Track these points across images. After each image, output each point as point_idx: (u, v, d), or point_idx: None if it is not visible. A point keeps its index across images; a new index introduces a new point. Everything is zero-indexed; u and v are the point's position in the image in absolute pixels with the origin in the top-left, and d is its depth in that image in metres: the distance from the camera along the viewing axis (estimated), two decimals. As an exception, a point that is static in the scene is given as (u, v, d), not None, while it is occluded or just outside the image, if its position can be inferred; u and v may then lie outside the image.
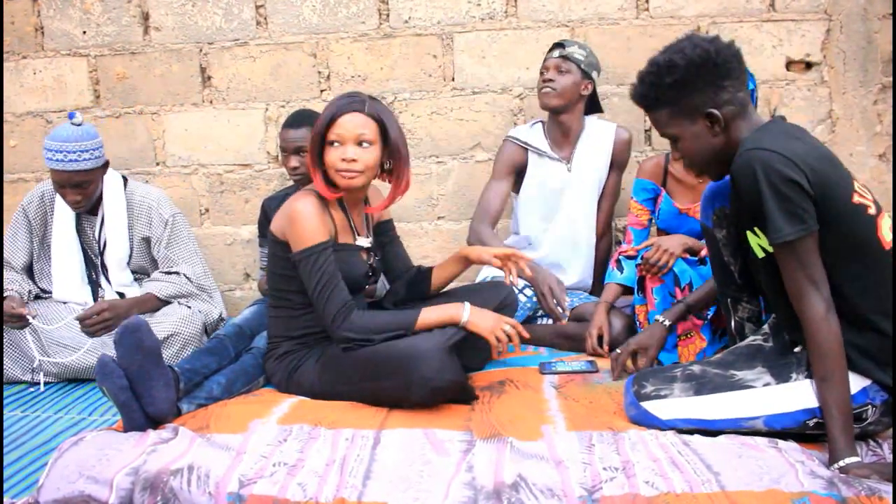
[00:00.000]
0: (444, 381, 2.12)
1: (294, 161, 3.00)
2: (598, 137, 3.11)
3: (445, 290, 2.64)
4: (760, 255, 1.90)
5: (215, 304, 3.11)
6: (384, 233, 2.64)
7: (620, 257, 2.85)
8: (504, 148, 3.17)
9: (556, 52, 3.01)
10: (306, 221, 2.27)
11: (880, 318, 1.84)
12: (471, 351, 2.43)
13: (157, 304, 2.95)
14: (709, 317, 2.53)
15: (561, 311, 2.78)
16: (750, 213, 1.84)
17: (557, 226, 3.12)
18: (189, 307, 2.96)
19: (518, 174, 3.15)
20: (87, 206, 2.95)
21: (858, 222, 1.83)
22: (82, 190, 2.86)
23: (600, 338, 2.68)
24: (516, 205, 3.21)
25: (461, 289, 2.68)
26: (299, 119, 3.01)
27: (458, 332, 2.28)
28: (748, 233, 1.92)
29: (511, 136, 3.16)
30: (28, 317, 2.76)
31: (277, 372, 2.42)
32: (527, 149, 3.12)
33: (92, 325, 2.79)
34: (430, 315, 2.28)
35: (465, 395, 2.26)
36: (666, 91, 1.89)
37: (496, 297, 2.53)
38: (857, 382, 1.84)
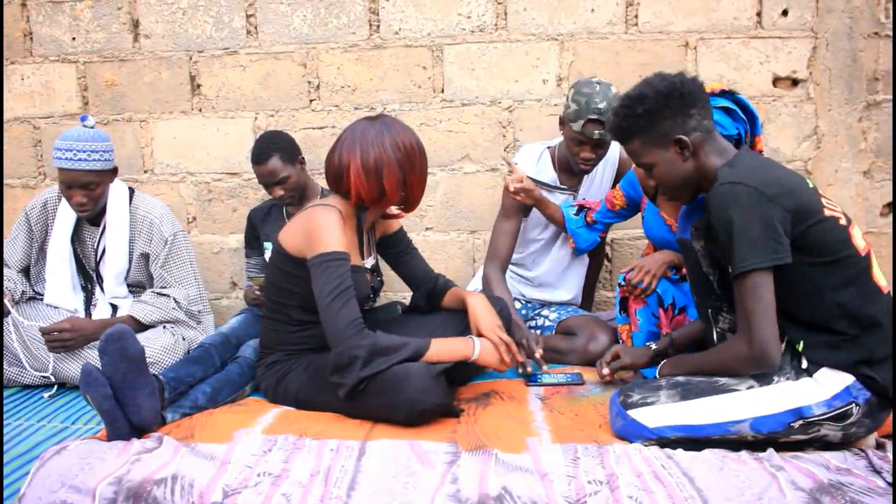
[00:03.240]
0: (430, 403, 2.13)
1: (279, 191, 2.99)
2: (604, 159, 3.01)
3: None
4: None
5: (203, 330, 3.05)
6: (396, 244, 2.62)
7: (584, 208, 2.92)
8: None
9: (597, 133, 2.76)
10: (331, 229, 2.22)
11: (864, 319, 1.91)
12: (459, 365, 2.43)
13: (135, 327, 2.80)
14: None
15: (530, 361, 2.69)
16: (720, 242, 1.92)
17: (557, 249, 3.10)
18: (174, 334, 2.91)
19: (527, 207, 3.03)
20: (93, 211, 2.91)
21: (834, 233, 1.93)
22: (89, 192, 2.84)
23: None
24: (521, 226, 3.10)
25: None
26: (265, 150, 2.97)
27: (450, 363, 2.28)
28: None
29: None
30: (7, 304, 2.77)
31: (266, 378, 2.41)
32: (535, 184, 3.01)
33: (51, 340, 2.76)
34: (440, 348, 2.24)
35: (450, 414, 2.27)
36: (638, 121, 2.02)
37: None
38: (840, 381, 1.90)
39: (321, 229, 2.22)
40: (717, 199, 1.90)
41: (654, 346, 2.43)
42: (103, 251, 2.99)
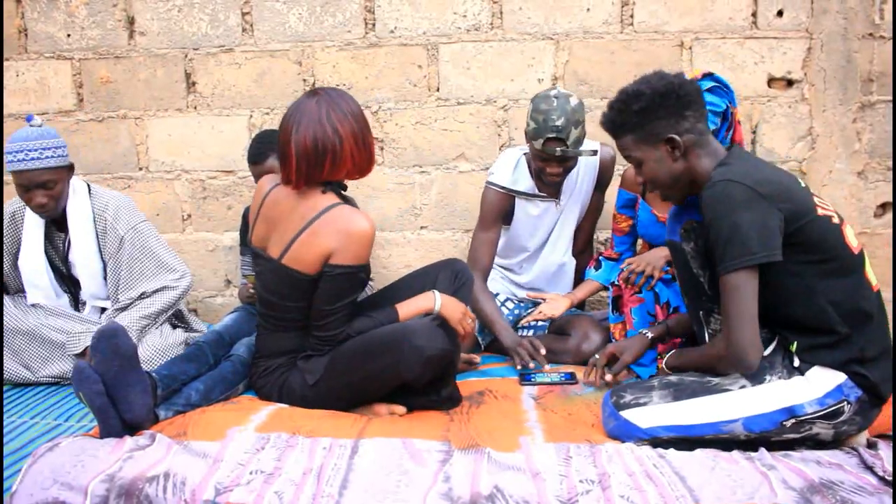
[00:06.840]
0: (436, 349, 2.16)
1: None
2: (584, 161, 3.01)
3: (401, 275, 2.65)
4: None
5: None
6: None
7: (601, 258, 2.95)
8: (488, 196, 3.00)
9: (558, 151, 2.73)
10: (370, 242, 2.22)
11: (857, 318, 1.93)
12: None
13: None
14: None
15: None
16: (711, 240, 1.93)
17: (543, 254, 3.10)
18: (162, 333, 2.90)
19: (506, 215, 3.03)
20: (55, 211, 2.85)
21: (827, 231, 1.94)
22: (48, 191, 2.78)
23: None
24: (504, 234, 3.11)
25: (416, 272, 2.60)
26: (262, 150, 2.96)
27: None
28: None
29: (494, 184, 2.98)
30: None
31: (267, 385, 2.37)
32: (513, 195, 3.00)
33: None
34: (407, 310, 2.32)
35: (451, 369, 2.31)
36: (632, 117, 2.03)
37: (450, 276, 2.51)
38: (832, 379, 1.91)
39: (364, 239, 2.20)
40: (711, 196, 1.90)
41: (649, 334, 2.43)
42: (69, 250, 2.94)
